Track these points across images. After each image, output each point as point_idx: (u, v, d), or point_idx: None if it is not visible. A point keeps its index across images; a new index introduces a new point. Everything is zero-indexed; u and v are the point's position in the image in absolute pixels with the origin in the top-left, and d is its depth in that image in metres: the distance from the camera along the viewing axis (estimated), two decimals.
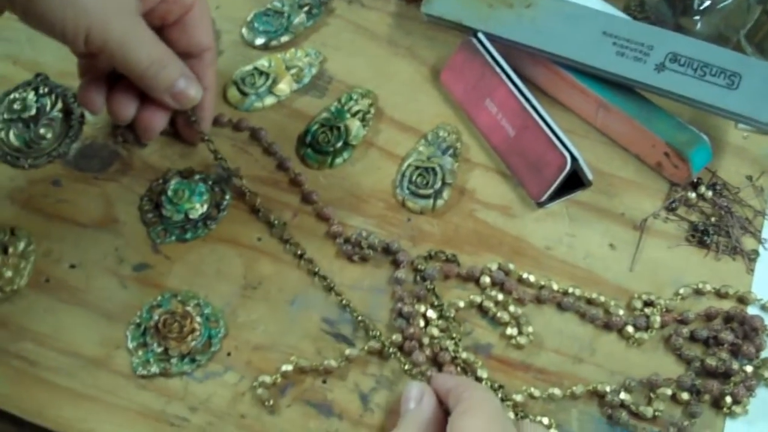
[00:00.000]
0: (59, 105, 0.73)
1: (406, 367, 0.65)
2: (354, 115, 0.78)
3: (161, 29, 0.68)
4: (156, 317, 0.66)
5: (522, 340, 0.68)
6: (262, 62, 0.81)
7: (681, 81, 0.74)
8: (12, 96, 0.73)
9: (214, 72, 0.72)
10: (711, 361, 0.67)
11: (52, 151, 0.72)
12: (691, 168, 0.74)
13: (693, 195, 0.76)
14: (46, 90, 0.74)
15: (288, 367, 0.65)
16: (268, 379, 0.64)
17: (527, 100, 0.74)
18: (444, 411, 0.60)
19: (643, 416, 0.65)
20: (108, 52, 0.63)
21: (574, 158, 0.71)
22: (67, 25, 0.59)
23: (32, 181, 0.73)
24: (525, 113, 0.74)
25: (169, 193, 0.72)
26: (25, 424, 0.63)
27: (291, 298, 0.69)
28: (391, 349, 0.66)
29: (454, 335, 0.67)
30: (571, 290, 0.70)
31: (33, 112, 0.72)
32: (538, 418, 0.64)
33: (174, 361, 0.65)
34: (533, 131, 0.73)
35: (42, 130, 0.72)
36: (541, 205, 0.74)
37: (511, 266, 0.71)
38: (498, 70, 0.76)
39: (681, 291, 0.71)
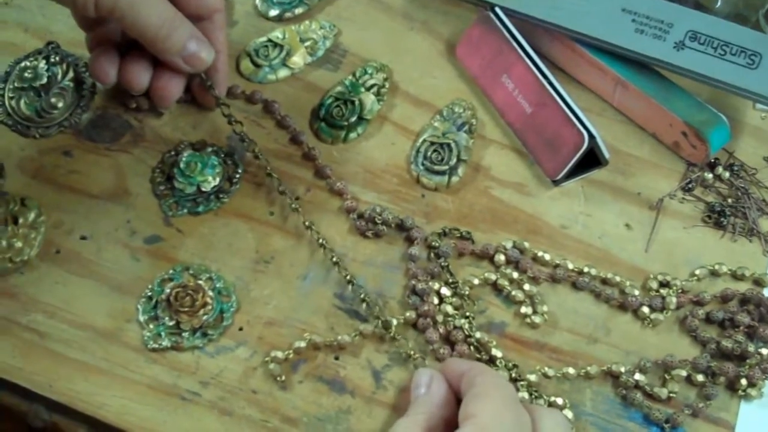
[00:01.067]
0: (70, 74, 0.72)
1: (412, 353, 0.65)
2: (369, 89, 0.77)
3: None
4: (168, 290, 0.66)
5: (536, 319, 0.67)
6: (276, 34, 0.80)
7: (700, 59, 0.73)
8: (23, 64, 0.72)
9: (224, 34, 0.72)
10: (726, 343, 0.66)
11: (63, 121, 0.71)
12: (709, 148, 0.73)
13: (710, 175, 0.75)
14: (58, 59, 0.73)
15: (301, 343, 0.64)
16: (280, 354, 0.64)
17: (545, 76, 0.73)
18: (455, 396, 0.59)
19: (658, 397, 0.65)
20: (118, 14, 0.63)
21: (591, 136, 0.70)
22: None
23: (43, 151, 0.72)
24: (543, 90, 0.73)
25: (182, 165, 0.71)
26: (36, 397, 0.62)
27: (303, 273, 0.68)
28: (394, 333, 0.65)
29: (468, 313, 0.67)
30: (586, 270, 0.69)
31: (44, 80, 0.71)
32: (552, 398, 0.64)
33: (186, 335, 0.64)
34: (551, 108, 0.72)
35: (53, 100, 0.71)
36: (556, 183, 0.73)
37: (526, 244, 0.70)
38: (515, 45, 0.75)
39: (697, 272, 0.70)
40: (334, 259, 0.68)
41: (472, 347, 0.65)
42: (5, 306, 0.65)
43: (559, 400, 0.64)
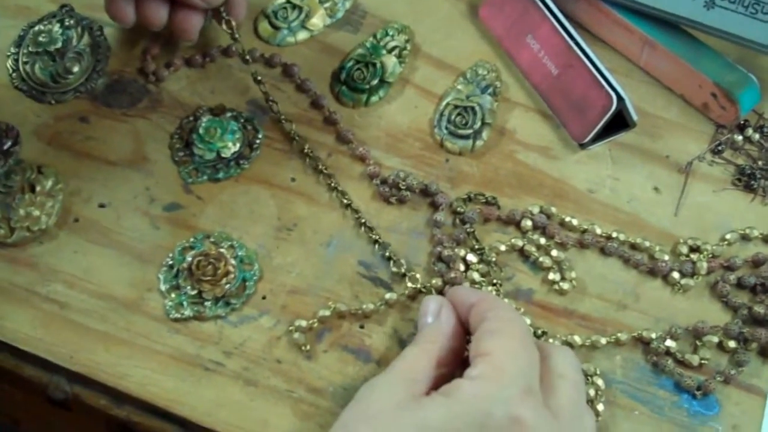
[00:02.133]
0: (86, 38, 0.70)
1: (422, 288, 0.64)
2: (390, 51, 0.75)
3: None
4: (189, 259, 0.64)
5: (565, 285, 0.66)
6: None
7: (731, 18, 0.71)
8: (37, 28, 0.71)
9: None
10: (759, 309, 0.65)
11: (79, 86, 0.70)
12: (739, 109, 0.72)
13: (739, 137, 0.73)
14: (72, 22, 0.71)
15: (326, 312, 0.63)
16: (304, 323, 0.63)
17: (571, 37, 0.72)
18: (463, 327, 0.58)
19: (689, 364, 0.64)
20: None
21: (620, 98, 0.68)
22: None
23: (59, 118, 0.71)
24: (569, 51, 0.71)
25: (201, 131, 0.70)
26: (57, 369, 0.61)
27: (327, 240, 0.67)
28: (421, 286, 0.64)
29: (495, 280, 0.65)
30: (614, 235, 0.68)
31: (59, 45, 0.70)
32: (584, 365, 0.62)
33: (208, 304, 0.63)
34: (577, 70, 0.71)
35: (68, 64, 0.69)
36: (583, 146, 0.72)
37: (553, 209, 0.69)
38: (540, 5, 0.73)
39: (728, 236, 0.69)
40: (361, 220, 0.67)
41: None
42: (24, 276, 0.64)
43: (591, 368, 0.62)
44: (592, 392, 0.62)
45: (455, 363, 0.56)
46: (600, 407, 0.61)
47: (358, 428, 0.51)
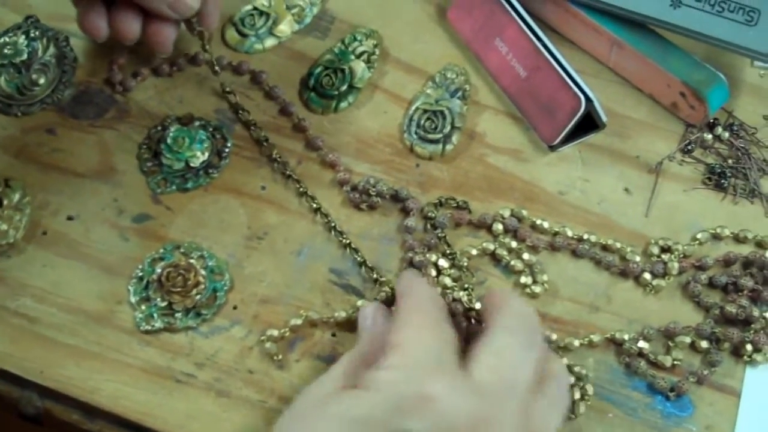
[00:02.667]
0: (51, 49, 0.70)
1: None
2: (358, 56, 0.75)
3: None
4: (159, 270, 0.64)
5: (536, 288, 0.66)
6: (262, 1, 0.78)
7: (697, 17, 0.71)
8: (2, 40, 0.70)
9: None
10: (730, 308, 0.65)
11: (46, 97, 0.69)
12: (708, 108, 0.72)
13: (709, 136, 0.74)
14: (38, 33, 0.70)
15: (297, 321, 0.63)
16: (276, 332, 0.63)
17: (539, 39, 0.72)
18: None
19: (662, 365, 0.64)
20: None
21: (588, 99, 0.68)
22: None
23: (25, 130, 0.70)
24: (537, 53, 0.71)
25: (169, 140, 0.69)
26: (28, 384, 0.61)
27: (298, 248, 0.67)
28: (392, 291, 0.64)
29: (467, 285, 0.65)
30: (585, 236, 0.68)
31: (24, 56, 0.69)
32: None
33: (179, 315, 0.63)
34: (545, 72, 0.71)
35: (34, 76, 0.69)
36: (553, 148, 0.72)
37: (524, 212, 0.69)
38: (508, 7, 0.73)
39: (699, 236, 0.69)
40: (331, 224, 0.67)
41: (472, 320, 0.64)
42: None
43: (583, 371, 0.63)
44: (577, 395, 0.62)
45: None
46: (582, 409, 0.62)
47: (291, 428, 0.52)
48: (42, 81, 0.69)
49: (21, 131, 0.70)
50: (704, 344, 0.64)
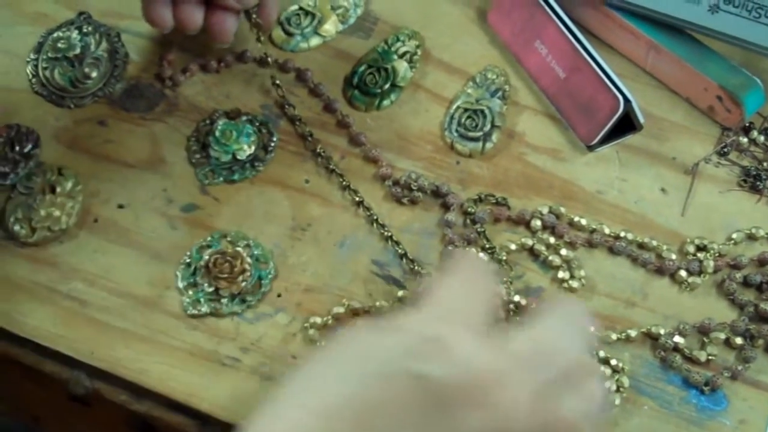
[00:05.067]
0: (104, 44, 0.72)
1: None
2: (401, 56, 0.77)
3: None
4: (206, 257, 0.66)
5: (574, 283, 0.67)
6: (307, 2, 0.79)
7: (735, 22, 0.72)
8: (56, 34, 0.73)
9: None
10: (764, 306, 0.66)
11: (98, 90, 0.72)
12: (744, 112, 0.73)
13: (745, 139, 0.75)
14: (90, 29, 0.73)
15: (340, 309, 0.64)
16: (318, 320, 0.64)
17: (578, 41, 0.73)
18: None
19: (697, 360, 0.64)
20: None
21: (627, 100, 0.70)
22: None
23: (78, 121, 0.73)
24: (576, 54, 0.73)
25: (217, 133, 0.71)
26: (78, 364, 0.63)
27: (340, 240, 0.68)
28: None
29: (506, 278, 0.67)
30: (622, 234, 0.69)
31: (78, 51, 0.72)
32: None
33: (225, 301, 0.65)
34: (585, 73, 0.72)
35: (87, 70, 0.71)
36: (591, 148, 0.73)
37: (562, 210, 0.70)
38: (548, 10, 0.75)
39: (734, 236, 0.70)
40: (373, 217, 0.69)
41: (510, 312, 0.65)
42: (46, 275, 0.66)
43: (620, 364, 0.64)
44: (613, 387, 0.63)
45: None
46: (617, 401, 0.63)
47: (321, 356, 0.48)
48: (94, 74, 0.71)
49: (74, 122, 0.72)
50: (739, 341, 0.65)
